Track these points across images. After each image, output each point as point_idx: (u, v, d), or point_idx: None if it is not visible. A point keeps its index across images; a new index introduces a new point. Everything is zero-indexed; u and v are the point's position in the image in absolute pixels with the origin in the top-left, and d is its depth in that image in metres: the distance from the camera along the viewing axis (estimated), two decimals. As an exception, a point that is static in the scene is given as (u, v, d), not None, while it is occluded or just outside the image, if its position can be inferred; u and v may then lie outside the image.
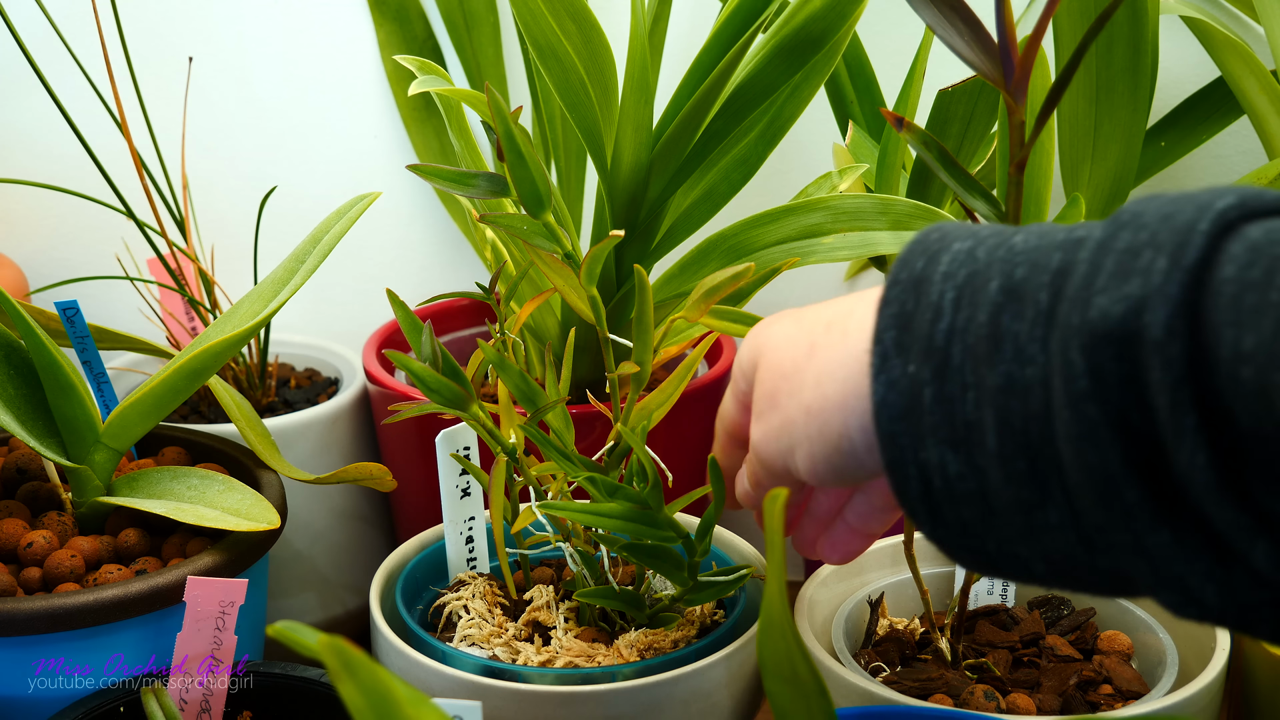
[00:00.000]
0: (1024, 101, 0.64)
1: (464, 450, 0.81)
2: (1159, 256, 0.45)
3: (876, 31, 1.06)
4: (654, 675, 0.73)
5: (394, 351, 0.71)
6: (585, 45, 0.87)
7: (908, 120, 0.66)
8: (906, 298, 0.52)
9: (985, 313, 0.50)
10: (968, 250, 0.52)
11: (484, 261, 0.80)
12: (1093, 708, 0.76)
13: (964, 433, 0.50)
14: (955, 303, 0.51)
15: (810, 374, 0.58)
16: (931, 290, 0.52)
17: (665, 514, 0.70)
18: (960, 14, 0.63)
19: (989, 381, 0.49)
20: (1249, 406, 0.43)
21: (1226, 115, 1.00)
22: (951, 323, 0.51)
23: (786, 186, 1.08)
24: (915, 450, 0.51)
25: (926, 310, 0.51)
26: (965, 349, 0.50)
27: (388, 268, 1.21)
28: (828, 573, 0.82)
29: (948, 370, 0.50)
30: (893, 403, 0.52)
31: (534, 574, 0.83)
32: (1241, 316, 0.43)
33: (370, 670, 0.46)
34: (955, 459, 0.50)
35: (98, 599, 0.76)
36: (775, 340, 0.61)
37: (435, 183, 0.72)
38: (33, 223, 1.19)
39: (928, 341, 0.51)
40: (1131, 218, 0.47)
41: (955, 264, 0.52)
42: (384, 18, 1.16)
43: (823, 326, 0.59)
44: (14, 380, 0.83)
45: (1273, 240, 0.44)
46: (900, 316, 0.52)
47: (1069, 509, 0.49)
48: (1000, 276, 0.50)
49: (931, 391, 0.51)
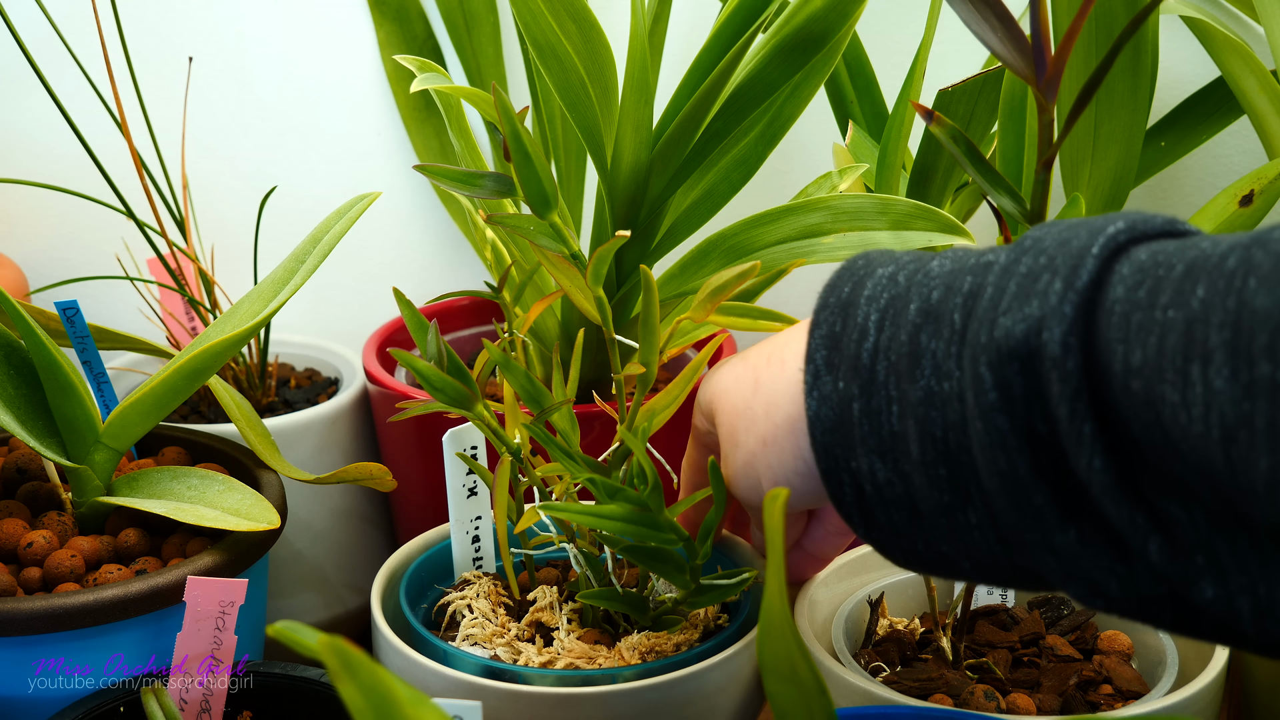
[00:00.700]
0: (1054, 100, 0.65)
1: (470, 450, 0.81)
2: (1055, 279, 0.49)
3: (876, 31, 1.06)
4: (654, 678, 0.72)
5: (399, 350, 0.71)
6: (585, 45, 0.87)
7: (937, 114, 0.67)
8: (835, 320, 0.57)
9: (906, 332, 0.54)
10: (889, 275, 0.57)
11: (484, 261, 0.80)
12: (1093, 708, 0.76)
13: (890, 442, 0.55)
14: (879, 323, 0.55)
15: (759, 407, 0.63)
16: (858, 313, 0.56)
17: (666, 516, 0.70)
18: (994, 9, 0.64)
19: (911, 395, 0.54)
20: (1140, 416, 0.47)
21: (1226, 115, 1.00)
22: (876, 342, 0.55)
23: (786, 186, 1.08)
24: (847, 459, 0.56)
25: (853, 331, 0.56)
26: (889, 366, 0.55)
27: (388, 268, 1.21)
28: (828, 572, 0.82)
29: (873, 385, 0.55)
30: (825, 416, 0.56)
31: (540, 574, 0.83)
32: (1130, 334, 0.47)
33: (370, 670, 0.46)
34: (883, 467, 0.55)
35: (98, 599, 0.76)
36: (725, 383, 0.66)
37: (443, 183, 0.72)
38: (33, 223, 1.19)
39: (854, 360, 0.56)
40: (1033, 243, 0.52)
41: (878, 288, 0.56)
42: (384, 18, 1.16)
43: (764, 360, 0.64)
44: (14, 380, 0.83)
45: (1157, 262, 0.47)
46: (830, 338, 0.57)
47: (986, 511, 0.53)
48: (918, 299, 0.54)
49: (860, 405, 0.55)
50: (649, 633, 0.76)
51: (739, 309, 0.72)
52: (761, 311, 0.73)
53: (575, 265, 0.73)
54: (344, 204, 0.87)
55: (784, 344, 0.64)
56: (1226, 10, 0.99)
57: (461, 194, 0.73)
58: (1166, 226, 0.51)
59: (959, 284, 0.53)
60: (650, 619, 0.77)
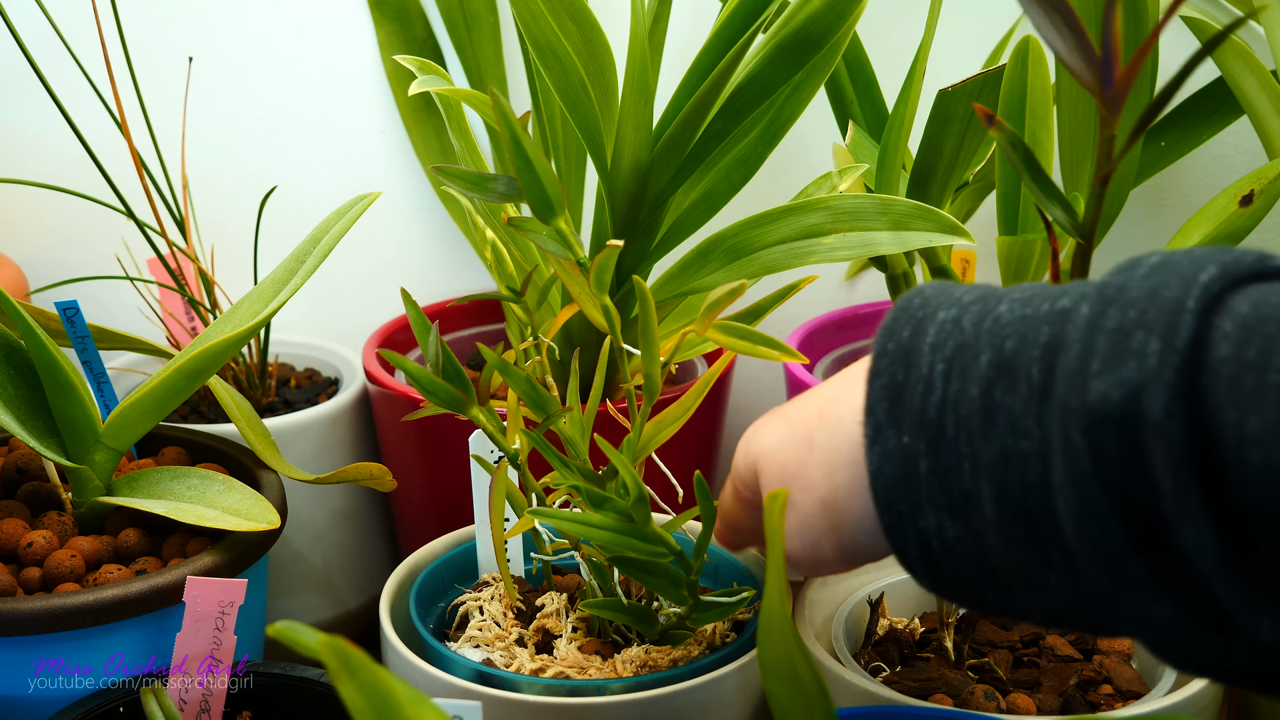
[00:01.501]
0: (1119, 114, 0.63)
1: (493, 453, 0.80)
2: (1151, 338, 0.46)
3: (876, 31, 1.06)
4: (639, 692, 0.72)
5: (390, 352, 0.70)
6: (585, 45, 0.87)
7: (998, 118, 0.65)
8: (896, 369, 0.54)
9: (977, 386, 0.51)
10: (953, 320, 0.53)
11: (484, 262, 0.80)
12: (1093, 708, 0.76)
13: (961, 500, 0.51)
14: (945, 375, 0.52)
15: (816, 469, 0.59)
16: (921, 362, 0.53)
17: (653, 528, 0.70)
18: (1064, 17, 0.61)
19: (984, 454, 0.50)
20: (1258, 487, 0.43)
21: (1226, 115, 1.00)
22: (943, 395, 0.52)
23: (786, 186, 1.08)
24: (913, 516, 0.53)
25: (917, 383, 0.53)
26: (959, 421, 0.51)
27: (388, 268, 1.21)
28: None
29: (942, 442, 0.52)
30: (888, 473, 0.53)
31: (560, 580, 0.83)
32: (1242, 399, 0.44)
33: (370, 670, 0.46)
34: (953, 525, 0.52)
35: (98, 599, 0.76)
36: (769, 445, 0.62)
37: (457, 185, 0.71)
38: (33, 223, 1.19)
39: (920, 414, 0.52)
40: (1117, 292, 0.48)
41: (942, 335, 0.53)
42: (384, 18, 1.16)
43: (815, 418, 0.60)
44: (14, 380, 0.83)
45: (1262, 316, 0.45)
46: (891, 389, 0.53)
47: (1069, 573, 0.50)
48: (990, 350, 0.51)
49: (927, 463, 0.52)
50: (650, 647, 0.76)
51: (739, 330, 0.72)
52: (761, 337, 0.72)
53: (582, 271, 0.73)
54: (344, 204, 0.87)
55: (835, 399, 0.59)
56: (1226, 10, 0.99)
57: (473, 197, 0.72)
58: (1257, 266, 0.48)
59: (1034, 334, 0.50)
60: (657, 633, 0.76)
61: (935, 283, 0.57)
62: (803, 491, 0.59)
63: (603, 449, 0.69)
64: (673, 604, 0.75)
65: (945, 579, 0.54)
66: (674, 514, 0.82)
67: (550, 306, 1.00)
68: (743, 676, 0.74)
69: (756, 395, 1.23)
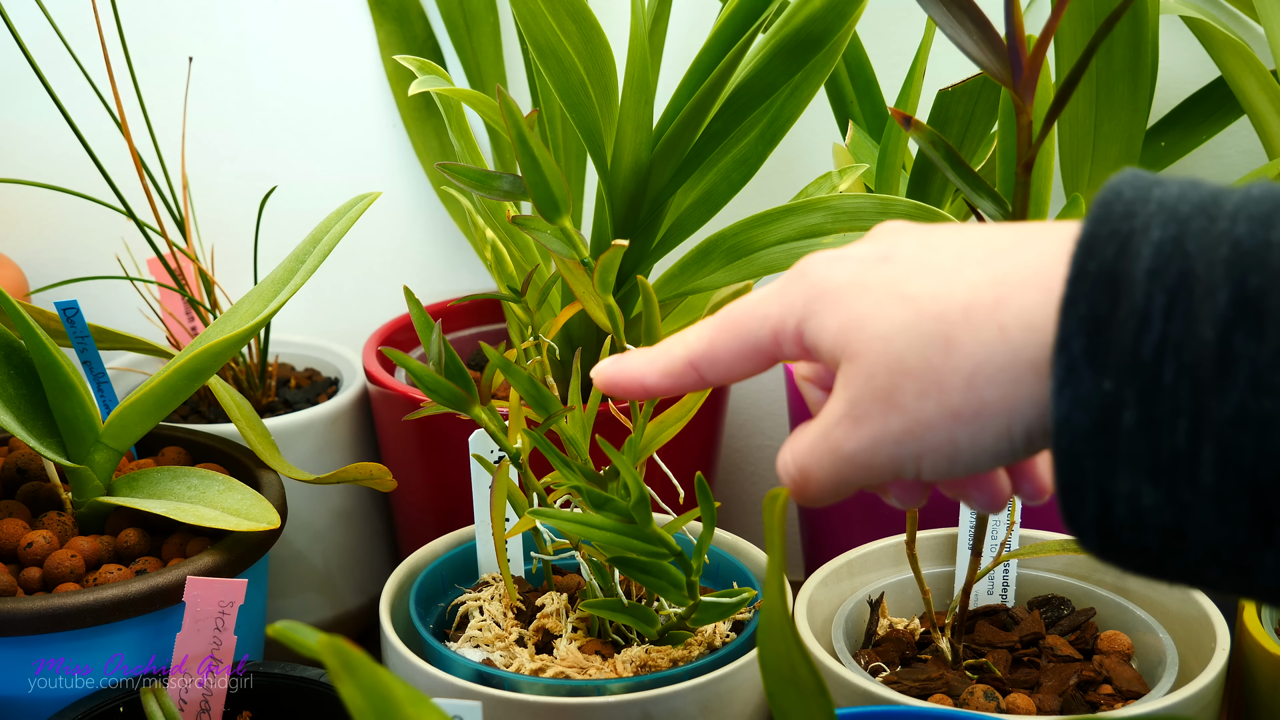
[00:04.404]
0: (1031, 101, 0.64)
1: (493, 453, 0.80)
2: None
3: (876, 31, 1.06)
4: (640, 692, 0.72)
5: (393, 350, 0.70)
6: (585, 45, 0.87)
7: (915, 119, 0.66)
8: (1099, 298, 0.44)
9: (1211, 329, 0.42)
10: (1173, 239, 0.44)
11: (484, 261, 0.80)
12: (1093, 708, 0.76)
13: (1169, 463, 0.44)
14: (1166, 310, 0.43)
15: (955, 375, 0.49)
16: (1135, 292, 0.44)
17: (653, 529, 0.69)
18: (969, 13, 0.63)
19: (1215, 412, 0.43)
20: None
21: (1226, 115, 1.00)
22: (1163, 334, 0.43)
23: (786, 186, 1.08)
24: (1101, 476, 0.45)
25: (1129, 318, 0.44)
26: (1180, 368, 0.43)
27: (388, 268, 1.21)
28: (828, 572, 0.82)
29: (1157, 392, 0.43)
30: (1079, 422, 0.45)
31: (561, 580, 0.83)
32: None
33: (370, 670, 0.46)
34: (1154, 491, 0.44)
35: (98, 599, 0.76)
36: (880, 327, 0.50)
37: (462, 183, 0.71)
38: (33, 223, 1.19)
39: (1131, 355, 0.44)
40: None
41: (1161, 259, 0.44)
42: (384, 18, 1.16)
43: (959, 314, 0.49)
44: (14, 380, 0.83)
45: None
46: (1092, 320, 0.44)
47: None
48: (1230, 284, 0.42)
49: (1134, 416, 0.44)
50: (651, 647, 0.76)
51: None
52: None
53: (586, 271, 0.73)
54: (344, 204, 0.87)
55: (995, 300, 0.48)
56: (1226, 10, 0.99)
57: (477, 195, 0.72)
58: None
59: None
60: (658, 633, 0.76)
61: (1130, 174, 0.47)
62: (923, 396, 0.49)
63: (604, 449, 0.68)
64: (673, 604, 0.74)
65: (1119, 547, 0.46)
66: (675, 515, 0.82)
67: (550, 306, 1.00)
68: (743, 676, 0.74)
69: (757, 396, 1.23)
